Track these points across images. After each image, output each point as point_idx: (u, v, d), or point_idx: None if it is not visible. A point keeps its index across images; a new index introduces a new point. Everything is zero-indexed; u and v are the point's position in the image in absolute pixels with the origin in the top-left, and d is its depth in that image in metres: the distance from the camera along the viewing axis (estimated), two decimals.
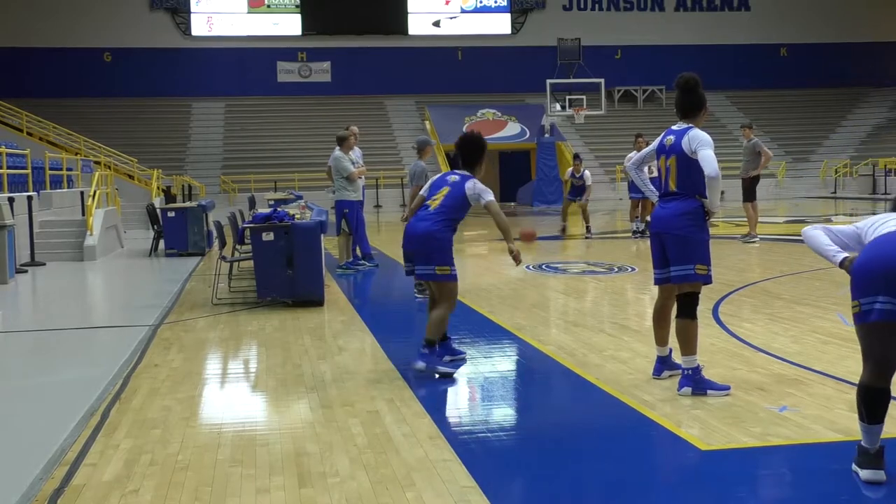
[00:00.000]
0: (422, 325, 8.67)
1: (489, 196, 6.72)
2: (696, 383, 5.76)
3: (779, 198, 35.33)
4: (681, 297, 5.86)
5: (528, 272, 12.77)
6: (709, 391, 5.74)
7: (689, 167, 5.74)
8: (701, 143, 5.70)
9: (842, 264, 4.30)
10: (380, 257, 15.26)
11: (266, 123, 41.02)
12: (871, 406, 4.12)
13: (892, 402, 4.36)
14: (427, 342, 6.52)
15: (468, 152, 6.91)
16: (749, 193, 15.91)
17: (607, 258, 14.51)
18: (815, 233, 4.43)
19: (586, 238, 18.02)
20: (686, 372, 5.81)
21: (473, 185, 6.75)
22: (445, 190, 6.72)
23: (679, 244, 5.76)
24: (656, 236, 5.95)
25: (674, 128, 5.95)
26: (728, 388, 5.79)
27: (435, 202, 6.72)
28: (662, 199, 5.93)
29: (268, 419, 5.70)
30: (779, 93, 45.27)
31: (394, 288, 12.31)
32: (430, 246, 6.53)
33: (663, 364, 6.22)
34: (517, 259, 6.63)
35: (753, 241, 15.59)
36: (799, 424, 5.12)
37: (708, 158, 5.62)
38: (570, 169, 19.36)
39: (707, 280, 5.81)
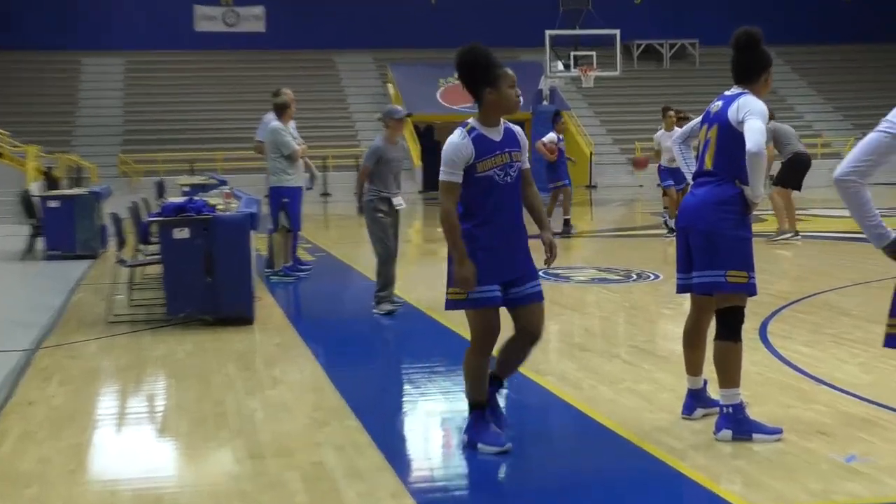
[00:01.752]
0: (382, 348, 8.66)
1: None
2: (739, 424, 5.76)
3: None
4: (720, 313, 5.86)
5: None
6: (755, 435, 5.74)
7: (731, 142, 5.75)
8: (751, 112, 5.73)
9: (890, 248, 4.30)
10: (328, 260, 15.22)
11: (179, 87, 40.88)
12: None
13: None
14: (469, 404, 5.94)
15: (460, 76, 5.70)
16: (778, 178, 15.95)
17: (623, 262, 14.54)
18: (857, 189, 4.35)
19: (561, 236, 18.00)
20: (726, 410, 5.81)
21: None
22: None
23: (705, 242, 5.79)
24: (682, 231, 5.98)
25: (726, 93, 6.01)
26: (780, 431, 5.80)
27: None
28: (695, 183, 5.97)
29: (179, 473, 5.64)
30: (844, 49, 45.64)
31: (346, 300, 12.26)
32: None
33: (696, 400, 6.22)
34: (553, 252, 5.91)
35: (788, 239, 15.63)
36: (872, 479, 5.12)
37: (754, 129, 5.63)
38: (553, 133, 19.27)
39: (749, 290, 5.82)
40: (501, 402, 7.26)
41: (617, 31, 35.67)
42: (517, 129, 5.77)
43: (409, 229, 21.68)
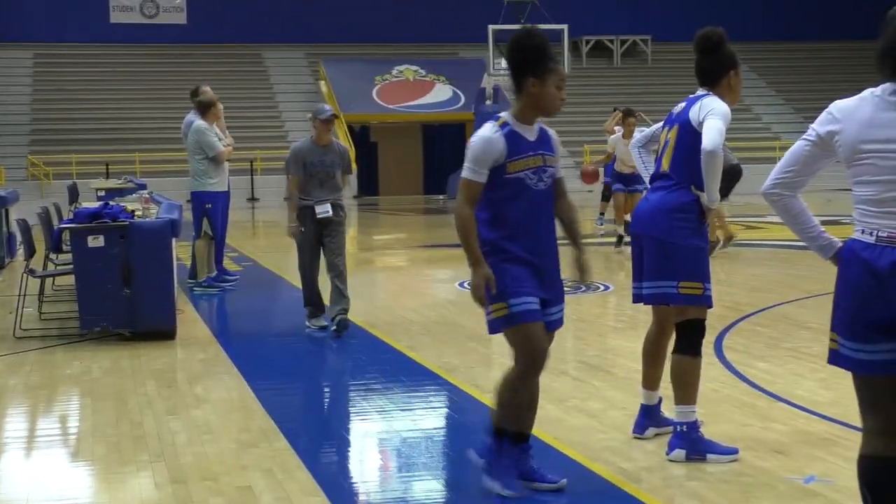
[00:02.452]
0: (314, 364, 8.65)
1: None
2: (693, 444, 5.83)
3: (804, 190, 35.82)
4: (679, 326, 5.94)
5: (461, 291, 12.80)
6: (709, 456, 5.80)
7: (690, 143, 5.81)
8: (713, 112, 5.82)
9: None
10: (255, 270, 15.17)
11: (94, 82, 40.47)
12: None
13: None
14: (493, 429, 5.50)
15: (509, 60, 5.46)
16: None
17: (571, 273, 14.62)
18: (785, 201, 4.34)
19: None
20: (680, 429, 5.88)
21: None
22: None
23: (658, 251, 5.87)
24: (635, 238, 6.07)
25: (691, 95, 6.11)
26: (735, 451, 5.88)
27: None
28: (651, 187, 6.05)
29: (94, 500, 5.59)
30: (804, 47, 46.25)
31: (275, 313, 12.22)
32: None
33: (648, 418, 6.28)
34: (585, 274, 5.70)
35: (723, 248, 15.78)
36: (832, 500, 5.20)
37: (712, 128, 5.72)
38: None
39: (704, 302, 5.90)
40: (438, 419, 7.29)
41: (565, 27, 35.82)
42: (553, 132, 5.51)
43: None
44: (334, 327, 9.83)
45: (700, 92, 6.05)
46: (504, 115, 5.33)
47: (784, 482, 5.47)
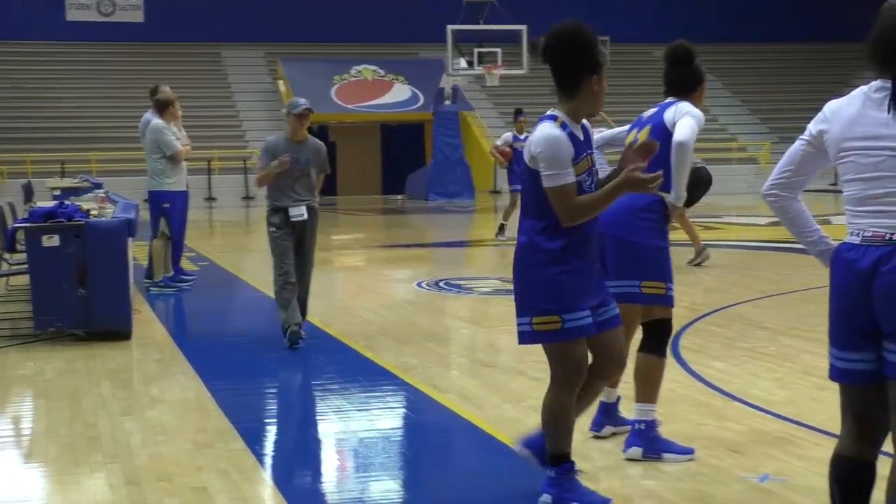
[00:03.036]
0: (271, 365, 8.61)
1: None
2: (650, 443, 5.87)
3: (761, 191, 36.08)
4: (646, 326, 6.01)
5: (419, 291, 12.81)
6: (665, 455, 5.85)
7: (661, 144, 5.83)
8: (689, 114, 6.00)
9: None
10: (212, 270, 15.11)
11: (49, 80, 40.16)
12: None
13: None
14: (553, 457, 5.23)
15: (557, 57, 5.07)
16: None
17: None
18: (783, 203, 4.27)
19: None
20: (638, 427, 5.92)
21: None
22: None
23: (620, 250, 5.88)
24: (598, 237, 6.07)
25: (663, 101, 6.24)
26: (691, 450, 5.92)
27: None
28: None
29: (48, 502, 5.56)
30: (762, 49, 46.57)
31: (232, 313, 12.18)
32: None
33: (606, 416, 6.30)
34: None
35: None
36: (786, 499, 5.25)
37: (685, 125, 5.85)
38: (510, 133, 19.18)
39: (667, 302, 5.93)
40: (395, 420, 7.30)
41: (524, 27, 35.90)
42: (588, 125, 5.21)
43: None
44: (287, 340, 9.21)
45: (672, 99, 6.15)
46: (558, 114, 4.99)
47: (739, 481, 5.51)
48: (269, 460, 6.20)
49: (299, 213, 9.33)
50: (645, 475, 5.65)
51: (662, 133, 5.92)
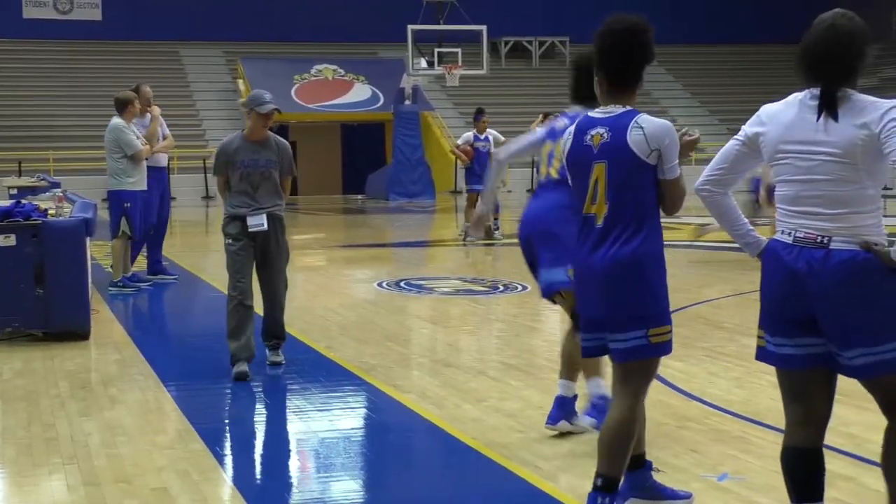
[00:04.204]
0: (231, 365, 8.56)
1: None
2: (602, 414, 5.86)
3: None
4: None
5: (380, 291, 12.81)
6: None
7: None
8: None
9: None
10: (171, 270, 15.03)
11: (6, 79, 39.81)
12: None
13: None
14: (601, 478, 4.75)
15: (622, 51, 4.78)
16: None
17: (489, 273, 14.69)
18: (715, 198, 4.39)
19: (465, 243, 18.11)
20: (596, 401, 6.26)
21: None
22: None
23: (549, 241, 6.07)
24: (526, 242, 6.31)
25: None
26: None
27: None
28: (536, 193, 6.39)
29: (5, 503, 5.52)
30: (719, 50, 46.86)
31: (192, 314, 12.12)
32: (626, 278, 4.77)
33: (562, 409, 6.32)
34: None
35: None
36: (744, 498, 5.29)
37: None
38: (470, 132, 19.24)
39: None
40: (356, 419, 7.30)
41: (484, 28, 35.96)
42: None
43: None
44: (233, 376, 8.06)
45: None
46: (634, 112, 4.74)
47: (698, 480, 5.54)
48: (229, 461, 6.18)
49: (258, 222, 8.11)
50: None
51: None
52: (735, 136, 4.37)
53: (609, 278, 4.66)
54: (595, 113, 4.81)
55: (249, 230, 8.09)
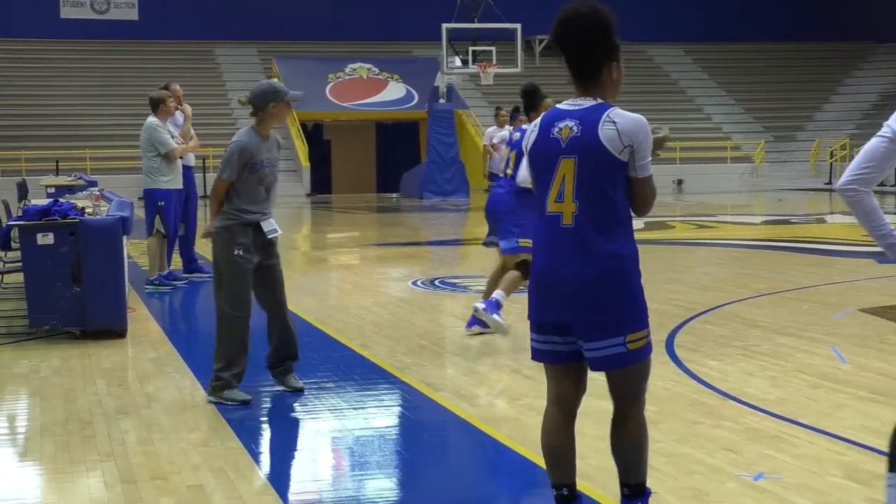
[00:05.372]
0: (266, 363, 8.60)
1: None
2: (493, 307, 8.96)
3: (755, 189, 36.31)
4: (519, 264, 9.13)
5: (414, 290, 12.81)
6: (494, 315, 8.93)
7: None
8: None
9: None
10: (206, 267, 15.08)
11: (44, 78, 40.13)
12: None
13: None
14: (627, 487, 4.87)
15: (578, 40, 4.47)
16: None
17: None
18: (860, 198, 4.22)
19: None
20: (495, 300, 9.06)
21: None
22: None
23: (508, 219, 9.31)
24: (493, 215, 9.88)
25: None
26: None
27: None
28: (497, 183, 9.64)
29: (43, 500, 5.56)
30: (755, 47, 46.60)
31: None
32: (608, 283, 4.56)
33: (477, 320, 9.24)
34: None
35: None
36: (780, 497, 5.26)
37: None
38: (500, 128, 18.80)
39: (529, 251, 7.23)
40: (390, 418, 7.30)
41: (518, 26, 35.92)
42: None
43: (295, 235, 21.61)
44: (294, 385, 7.67)
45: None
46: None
47: (734, 479, 5.52)
48: (264, 458, 6.20)
49: (273, 227, 7.43)
50: None
51: None
52: (879, 133, 4.19)
53: (583, 283, 4.42)
54: (564, 105, 4.52)
55: (268, 237, 7.38)
